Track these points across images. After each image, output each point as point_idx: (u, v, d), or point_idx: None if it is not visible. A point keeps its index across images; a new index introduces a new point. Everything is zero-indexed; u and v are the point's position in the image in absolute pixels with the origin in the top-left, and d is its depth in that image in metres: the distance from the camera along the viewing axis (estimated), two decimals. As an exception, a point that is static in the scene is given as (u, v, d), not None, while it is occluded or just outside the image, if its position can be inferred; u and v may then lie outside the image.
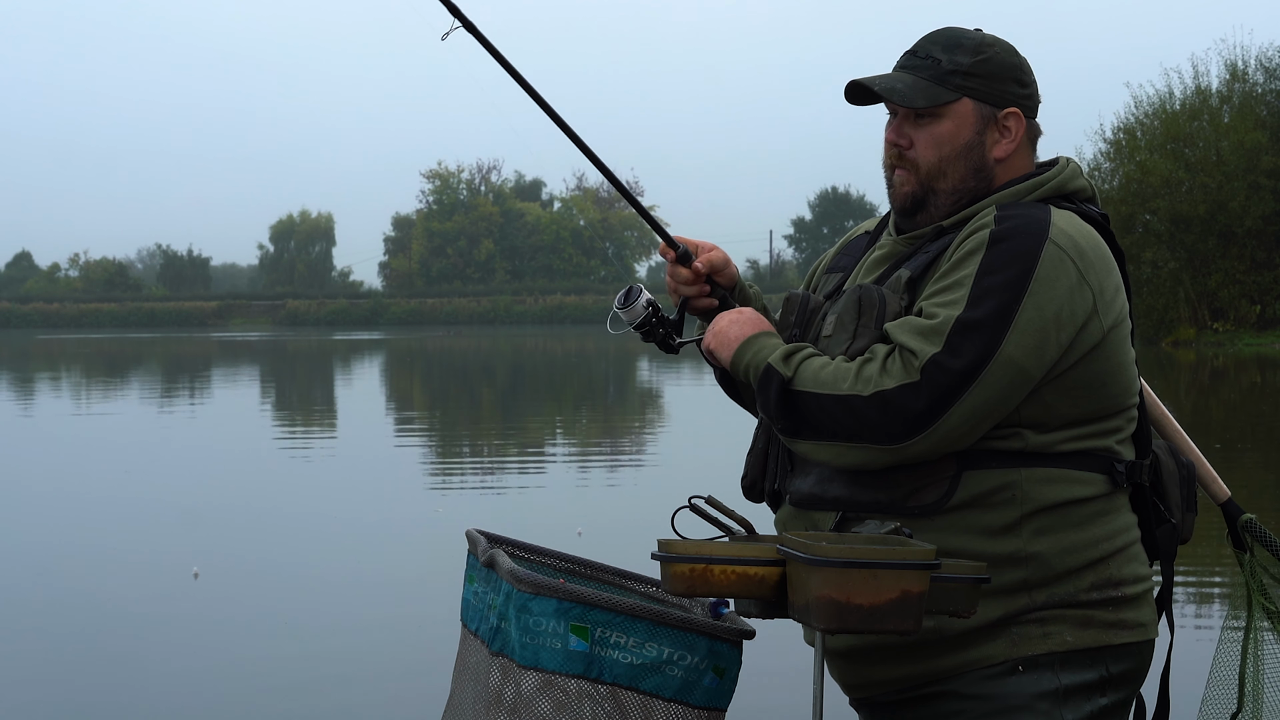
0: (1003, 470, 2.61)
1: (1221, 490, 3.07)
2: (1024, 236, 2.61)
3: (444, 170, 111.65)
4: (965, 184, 2.75)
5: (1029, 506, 2.61)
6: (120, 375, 38.74)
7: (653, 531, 2.73)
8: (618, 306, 2.94)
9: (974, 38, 2.77)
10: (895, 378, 2.55)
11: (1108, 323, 2.65)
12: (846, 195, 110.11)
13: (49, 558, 10.47)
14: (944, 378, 2.53)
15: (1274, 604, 3.10)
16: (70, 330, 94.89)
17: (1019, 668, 2.61)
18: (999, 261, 2.59)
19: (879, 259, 2.84)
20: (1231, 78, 45.48)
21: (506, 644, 2.55)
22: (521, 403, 27.53)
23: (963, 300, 2.57)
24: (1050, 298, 2.58)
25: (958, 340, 2.54)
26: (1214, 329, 42.93)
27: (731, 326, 2.80)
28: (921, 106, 2.71)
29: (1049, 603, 2.63)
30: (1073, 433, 2.65)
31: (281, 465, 16.79)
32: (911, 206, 2.77)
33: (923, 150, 2.74)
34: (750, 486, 2.91)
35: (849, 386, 2.58)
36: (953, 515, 2.61)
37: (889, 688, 2.70)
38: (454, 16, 2.83)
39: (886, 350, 2.59)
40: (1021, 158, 2.79)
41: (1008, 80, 2.76)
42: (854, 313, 2.68)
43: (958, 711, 2.63)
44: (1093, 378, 2.65)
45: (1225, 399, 24.81)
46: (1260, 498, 12.19)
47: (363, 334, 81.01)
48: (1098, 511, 2.67)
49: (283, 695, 6.81)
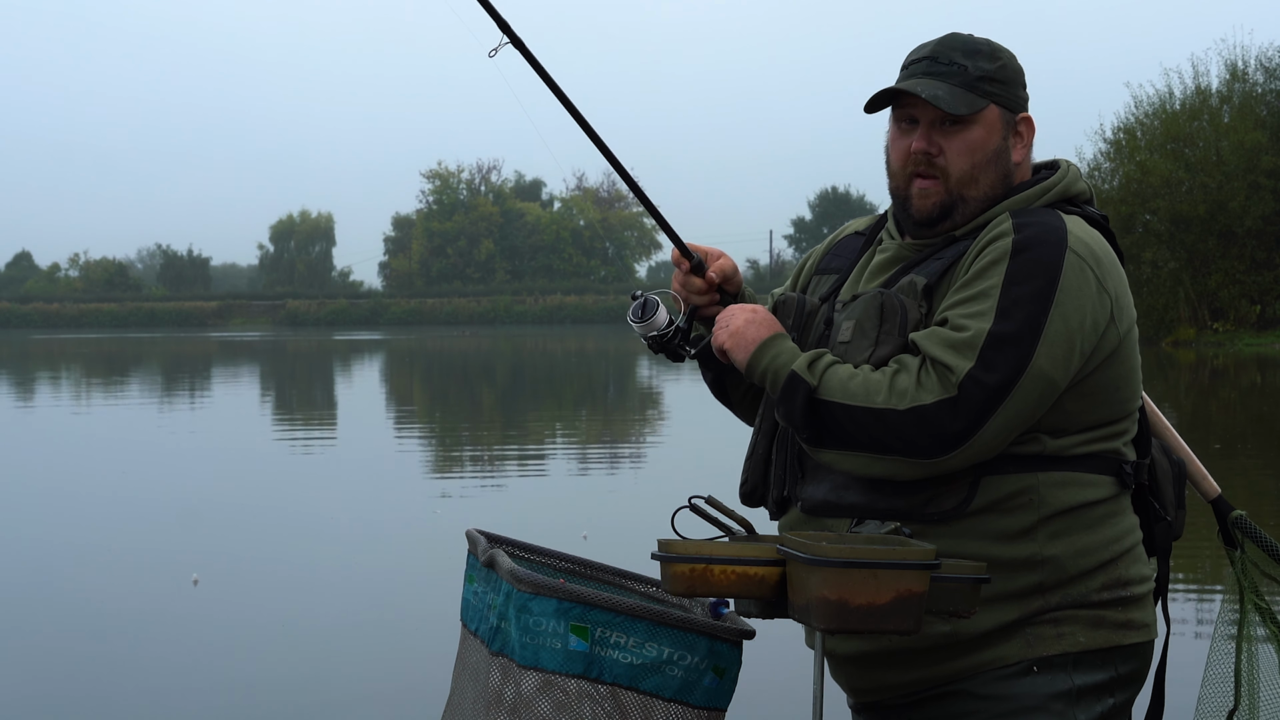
0: (1020, 475, 2.62)
1: (1212, 487, 3.08)
2: (1046, 246, 2.60)
3: (444, 170, 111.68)
4: (994, 190, 2.74)
5: (1045, 510, 2.62)
6: (119, 375, 38.73)
7: (653, 532, 2.73)
8: (633, 320, 2.88)
9: (985, 43, 2.77)
10: (932, 393, 2.54)
11: (1123, 329, 2.67)
12: (846, 195, 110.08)
13: (46, 557, 10.46)
14: (980, 393, 2.53)
15: (1265, 600, 3.10)
16: (70, 330, 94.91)
17: (1034, 668, 2.62)
18: (1024, 273, 2.58)
19: (884, 262, 2.82)
20: (1231, 78, 45.48)
21: (506, 644, 2.55)
22: (522, 402, 27.53)
23: (991, 312, 2.57)
24: (1075, 307, 2.58)
25: (991, 354, 2.54)
26: (1214, 329, 42.92)
27: (749, 327, 2.76)
28: (964, 113, 2.70)
29: (1062, 604, 2.64)
30: (1086, 436, 2.66)
31: (281, 465, 16.79)
32: (939, 215, 2.75)
33: (954, 158, 2.72)
34: (750, 493, 2.89)
35: (884, 400, 2.56)
36: (971, 520, 2.61)
37: (900, 691, 2.70)
38: (503, 33, 2.79)
39: (919, 363, 2.58)
40: (1028, 162, 2.80)
41: (1019, 85, 2.78)
42: (876, 319, 2.66)
43: (971, 711, 2.63)
44: (1108, 383, 2.66)
45: (1225, 399, 24.80)
46: (1260, 498, 12.19)
47: (363, 334, 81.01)
48: (1107, 513, 2.68)
49: (282, 695, 6.81)
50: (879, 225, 2.94)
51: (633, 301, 2.91)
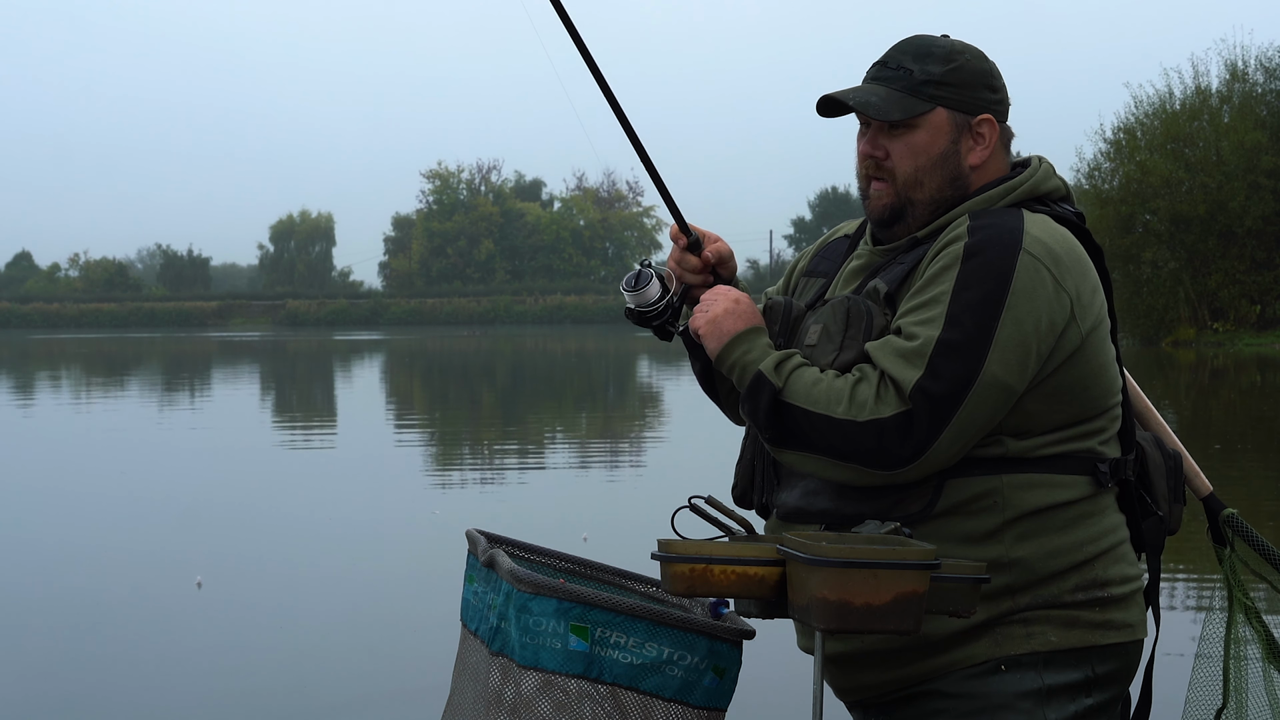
0: (983, 478, 2.61)
1: (1204, 485, 3.06)
2: (998, 247, 2.58)
3: (444, 170, 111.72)
4: (942, 193, 2.73)
5: (1010, 513, 2.61)
6: (119, 375, 38.73)
7: (653, 531, 2.73)
8: (625, 289, 2.86)
9: (944, 45, 2.76)
10: (890, 406, 2.54)
11: (1086, 327, 2.63)
12: (846, 195, 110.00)
13: (45, 558, 10.46)
14: (929, 404, 2.52)
15: (1253, 599, 3.10)
16: (70, 330, 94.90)
17: (1001, 667, 2.62)
18: (974, 277, 2.57)
19: (856, 270, 2.83)
20: (1231, 78, 45.48)
21: (506, 644, 2.55)
22: (522, 402, 27.53)
23: (940, 319, 2.55)
24: (1029, 310, 2.56)
25: (939, 362, 2.53)
26: (1214, 329, 42.93)
27: (727, 317, 2.75)
28: (897, 119, 2.70)
29: (1033, 604, 2.63)
30: (1053, 437, 2.64)
31: (280, 465, 16.79)
32: (890, 218, 2.75)
33: (899, 161, 2.73)
34: (741, 496, 2.91)
35: (843, 410, 2.56)
36: (936, 523, 2.61)
37: (877, 691, 2.71)
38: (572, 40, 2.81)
39: (879, 374, 2.57)
40: (996, 163, 2.78)
41: (979, 87, 2.75)
42: (841, 324, 2.66)
43: (941, 710, 2.64)
44: (1074, 383, 2.64)
45: (1225, 399, 24.80)
46: (1260, 498, 12.19)
47: (363, 334, 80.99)
48: (1081, 514, 2.66)
49: (282, 695, 6.81)
50: (862, 230, 2.94)
51: (632, 270, 2.89)
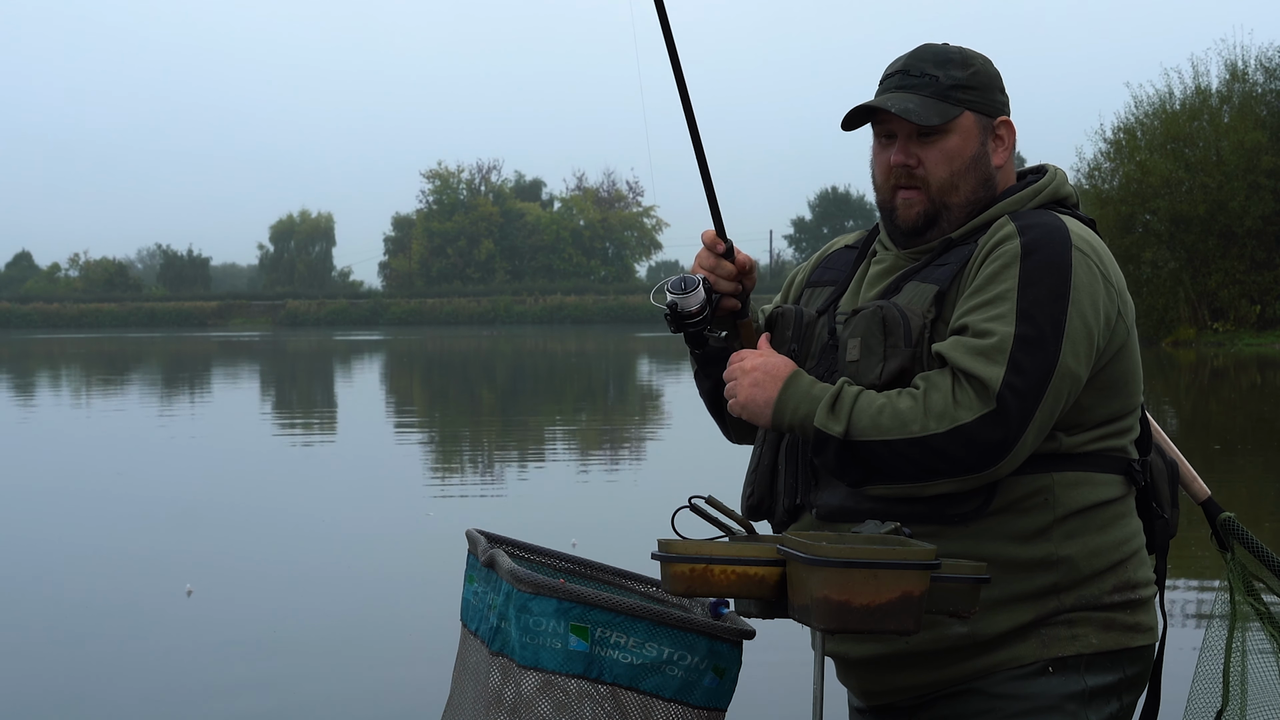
0: (1035, 475, 2.63)
1: (1201, 489, 3.10)
2: (1053, 246, 2.64)
3: (444, 170, 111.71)
4: (976, 195, 2.77)
5: (1060, 510, 2.64)
6: (119, 375, 38.73)
7: (652, 531, 2.73)
8: (672, 290, 2.83)
9: (957, 52, 2.80)
10: (970, 409, 2.54)
11: (1129, 322, 2.71)
12: (846, 195, 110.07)
13: (43, 557, 10.46)
14: (1017, 400, 2.54)
15: (1256, 603, 3.12)
16: (70, 330, 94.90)
17: (1049, 669, 2.64)
18: (1037, 274, 2.61)
19: (882, 272, 2.82)
20: (1231, 78, 45.49)
21: (506, 644, 2.55)
22: (521, 402, 27.53)
23: (1010, 315, 2.58)
24: (1090, 303, 2.62)
25: (1021, 357, 2.55)
26: (1214, 329, 42.93)
27: (756, 390, 2.70)
28: (936, 123, 2.72)
29: (1076, 605, 2.65)
30: (1098, 433, 2.68)
31: (279, 465, 16.79)
32: (924, 224, 2.77)
33: (933, 167, 2.75)
34: (756, 505, 2.86)
35: (920, 426, 2.55)
36: (988, 521, 2.62)
37: (915, 693, 2.71)
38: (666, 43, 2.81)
39: (949, 379, 2.57)
40: (1010, 165, 2.83)
41: (996, 89, 2.80)
42: (880, 334, 2.66)
43: (986, 710, 2.64)
44: (1118, 376, 2.69)
45: (1225, 399, 24.81)
46: (1260, 498, 12.19)
47: (363, 334, 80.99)
48: (1117, 514, 2.71)
49: (281, 695, 6.81)
50: (870, 238, 2.95)
51: (678, 275, 2.88)
